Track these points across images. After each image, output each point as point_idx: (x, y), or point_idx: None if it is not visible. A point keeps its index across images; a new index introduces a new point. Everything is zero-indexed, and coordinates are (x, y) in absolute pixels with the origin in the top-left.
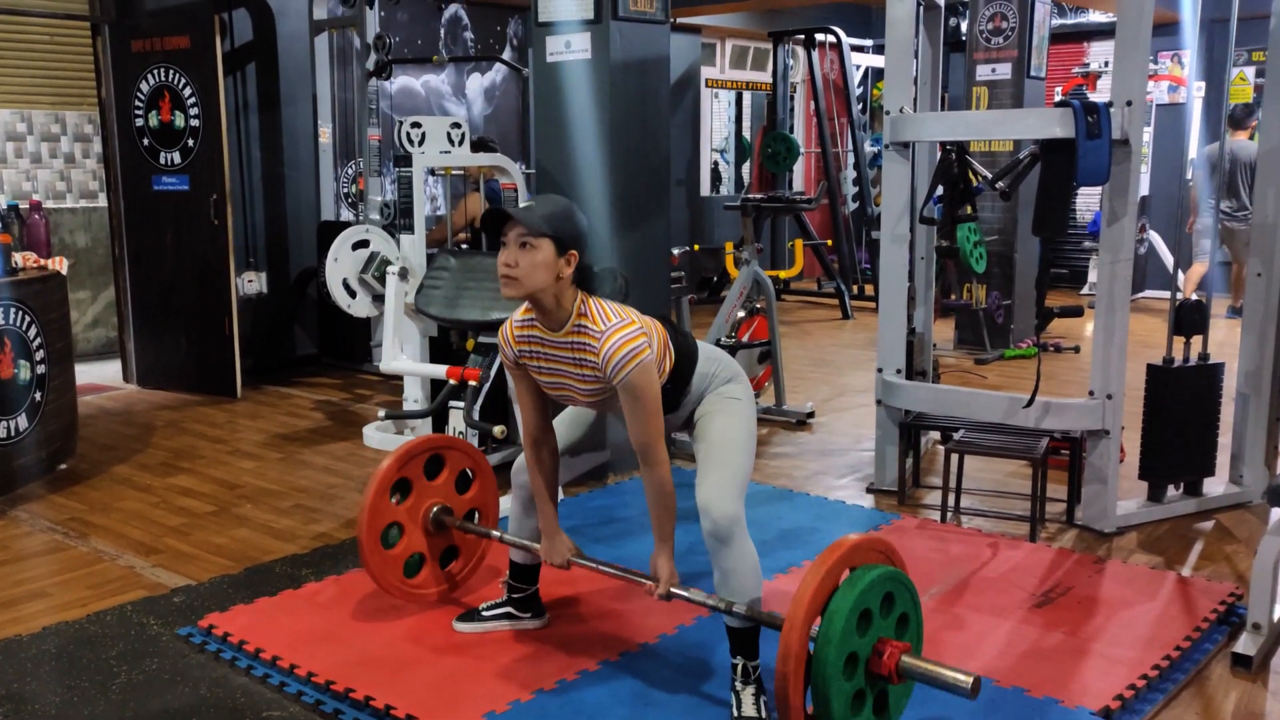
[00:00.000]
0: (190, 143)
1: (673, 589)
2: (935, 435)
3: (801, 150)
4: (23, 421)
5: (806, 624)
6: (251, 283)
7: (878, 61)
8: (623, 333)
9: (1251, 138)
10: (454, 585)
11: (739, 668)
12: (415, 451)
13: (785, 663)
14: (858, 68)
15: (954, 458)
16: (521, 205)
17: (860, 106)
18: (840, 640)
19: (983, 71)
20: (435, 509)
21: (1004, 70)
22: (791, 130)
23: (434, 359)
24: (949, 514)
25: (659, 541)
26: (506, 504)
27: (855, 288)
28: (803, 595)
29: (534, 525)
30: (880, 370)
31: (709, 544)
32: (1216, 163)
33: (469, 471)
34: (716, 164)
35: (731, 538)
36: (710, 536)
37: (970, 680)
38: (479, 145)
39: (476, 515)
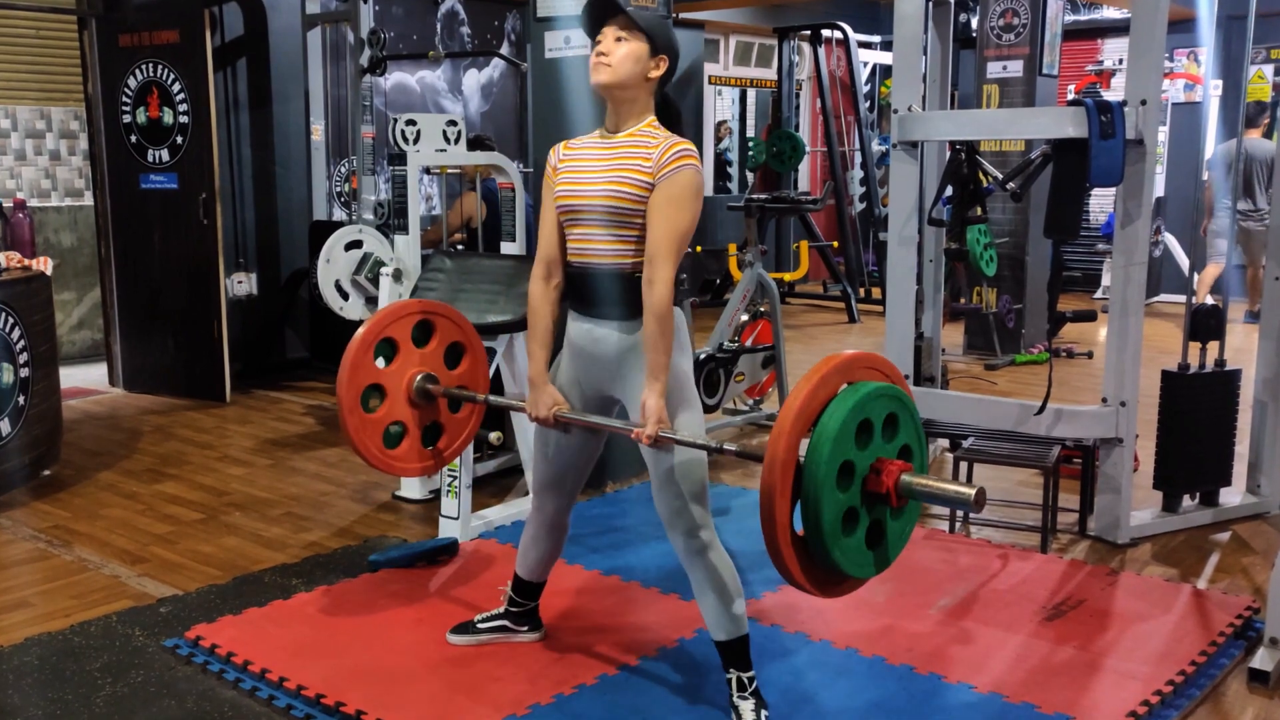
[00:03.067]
0: (179, 140)
1: (662, 432)
2: (944, 443)
3: (807, 149)
4: (5, 426)
5: (796, 430)
6: (241, 284)
7: (885, 58)
8: (687, 147)
9: (1269, 135)
10: (439, 461)
11: (734, 681)
12: (403, 312)
13: (771, 471)
14: (865, 65)
15: (963, 466)
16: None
17: (867, 104)
18: (836, 439)
19: (993, 69)
20: (420, 377)
21: (1015, 68)
22: (797, 129)
23: None
24: (957, 524)
25: (650, 378)
26: (499, 511)
27: (862, 291)
28: (793, 401)
29: (538, 556)
30: None
31: (682, 558)
32: (1232, 162)
33: (460, 345)
34: (726, 149)
35: (705, 547)
36: (683, 551)
37: (973, 491)
38: (476, 143)
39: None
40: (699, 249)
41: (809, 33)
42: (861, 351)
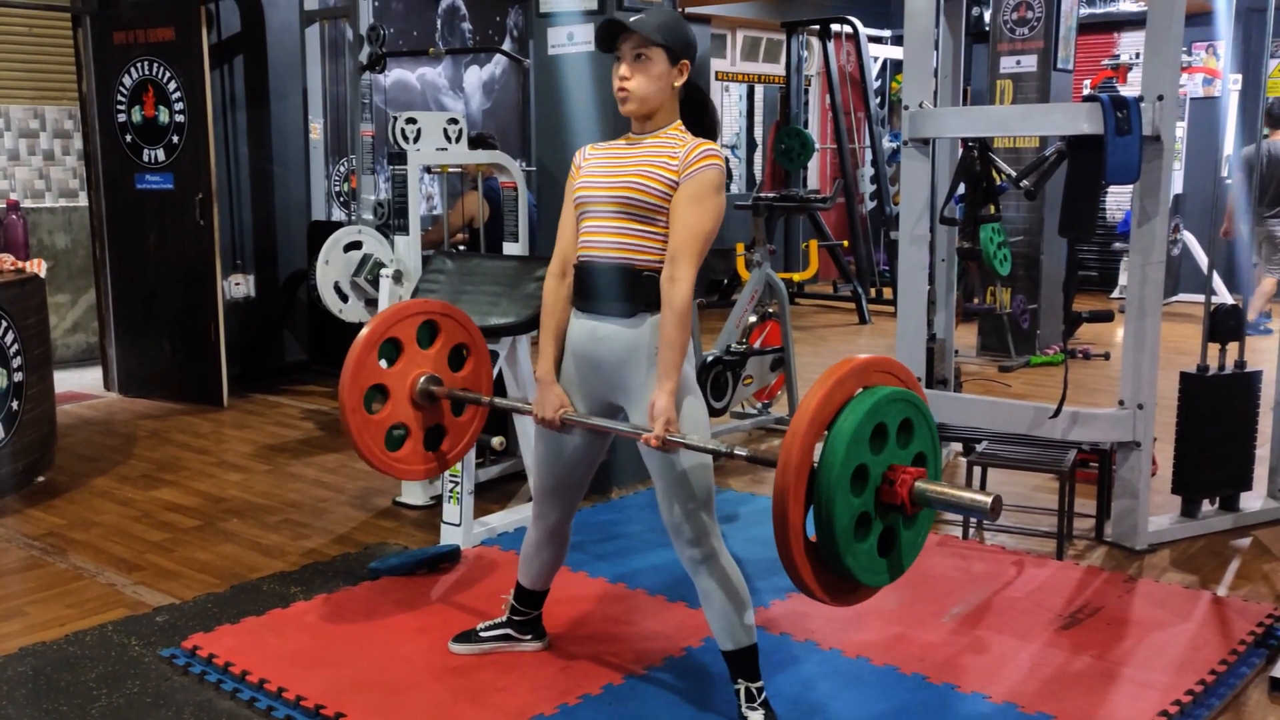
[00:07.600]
0: (175, 139)
1: (670, 435)
2: (957, 447)
3: (816, 146)
4: None
5: (811, 433)
6: (239, 286)
7: (896, 53)
8: (712, 148)
9: None
10: (442, 465)
11: (742, 692)
12: (408, 312)
13: (785, 474)
14: (875, 60)
15: (977, 471)
16: (633, 19)
17: (878, 101)
18: (850, 443)
19: (1007, 64)
20: (424, 378)
21: (1029, 62)
22: (806, 125)
23: None
24: (971, 530)
25: (662, 376)
26: (501, 518)
27: (873, 291)
28: (808, 404)
29: (540, 565)
30: None
31: (687, 567)
32: (1254, 163)
33: (464, 348)
34: (734, 147)
35: (711, 556)
36: (687, 560)
37: (989, 499)
38: (477, 142)
39: None
40: None
41: (818, 27)
42: (877, 355)
